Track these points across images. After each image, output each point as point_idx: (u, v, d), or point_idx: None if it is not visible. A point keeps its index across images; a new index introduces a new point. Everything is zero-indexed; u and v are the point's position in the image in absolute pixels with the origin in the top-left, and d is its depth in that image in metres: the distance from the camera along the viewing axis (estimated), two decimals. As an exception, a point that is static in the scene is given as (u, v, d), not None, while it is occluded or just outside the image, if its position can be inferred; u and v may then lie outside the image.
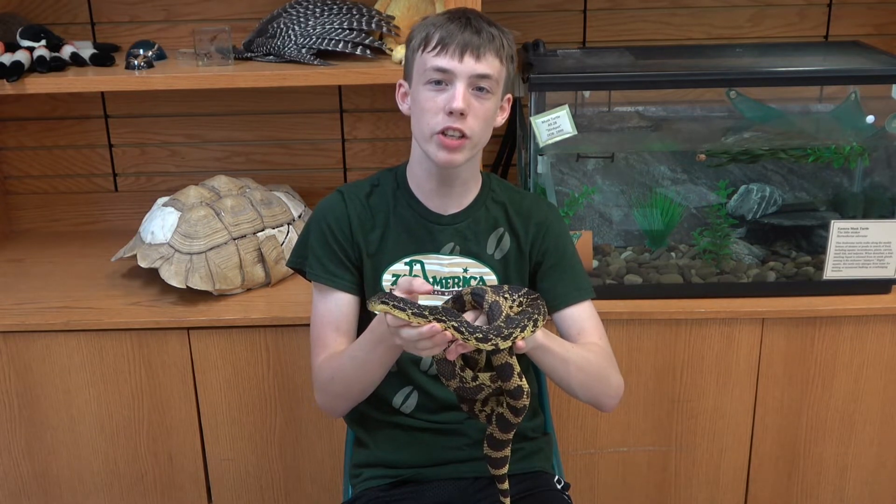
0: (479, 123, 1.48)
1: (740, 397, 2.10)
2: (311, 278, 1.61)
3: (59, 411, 2.10)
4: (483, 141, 1.52)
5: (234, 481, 2.17)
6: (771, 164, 2.15)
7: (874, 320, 2.04)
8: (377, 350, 1.46)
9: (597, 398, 1.55)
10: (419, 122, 1.50)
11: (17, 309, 2.08)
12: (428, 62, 1.46)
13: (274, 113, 2.48)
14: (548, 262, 1.61)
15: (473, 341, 1.30)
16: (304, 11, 2.16)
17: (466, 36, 1.45)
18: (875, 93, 2.03)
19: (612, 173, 2.16)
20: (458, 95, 1.44)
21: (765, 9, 2.41)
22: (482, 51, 1.45)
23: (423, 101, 1.48)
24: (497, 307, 1.35)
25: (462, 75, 1.45)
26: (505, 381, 1.36)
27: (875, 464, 2.17)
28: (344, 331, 1.59)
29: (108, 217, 2.57)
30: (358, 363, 1.50)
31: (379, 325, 1.42)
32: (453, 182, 1.57)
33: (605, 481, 2.18)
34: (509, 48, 1.50)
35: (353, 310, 1.60)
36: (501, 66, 1.48)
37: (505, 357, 1.34)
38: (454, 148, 1.47)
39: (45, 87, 2.07)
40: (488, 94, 1.48)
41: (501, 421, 1.40)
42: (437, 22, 1.49)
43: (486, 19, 1.50)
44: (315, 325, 1.61)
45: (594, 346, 1.56)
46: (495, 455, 1.45)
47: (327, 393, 1.58)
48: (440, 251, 1.59)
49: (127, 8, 2.39)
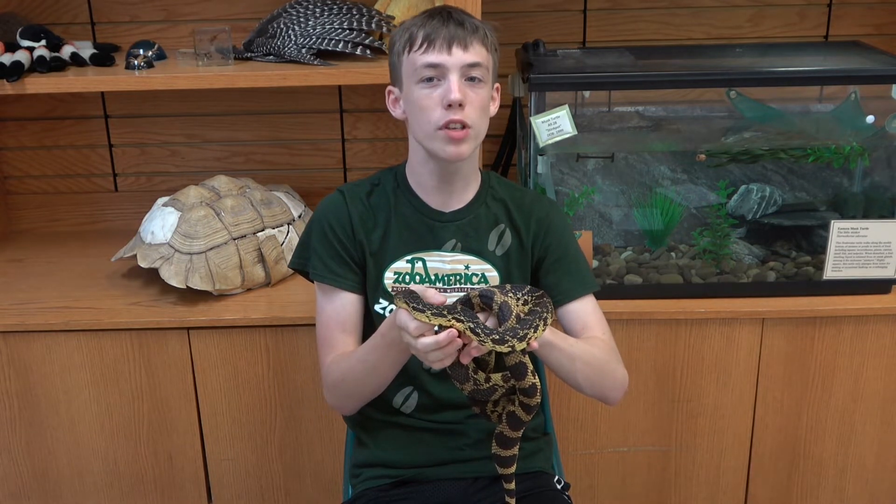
0: (478, 112, 1.49)
1: (740, 397, 2.10)
2: (315, 279, 1.61)
3: (59, 411, 2.10)
4: (483, 131, 1.53)
5: (234, 481, 2.17)
6: (771, 164, 2.15)
7: (874, 320, 2.04)
8: (389, 353, 1.47)
9: (602, 392, 1.55)
10: (419, 121, 1.50)
11: (17, 309, 2.08)
12: (417, 61, 1.47)
13: (274, 113, 2.48)
14: (550, 257, 1.62)
15: (490, 343, 1.29)
16: (304, 11, 2.16)
17: (451, 29, 1.47)
18: (875, 93, 2.03)
19: (612, 173, 2.16)
20: (453, 87, 1.45)
21: (765, 9, 2.41)
22: (469, 41, 1.47)
23: (419, 99, 1.48)
24: (507, 308, 1.34)
25: (454, 67, 1.46)
26: (519, 380, 1.36)
27: (875, 464, 2.17)
28: (350, 330, 1.60)
29: (108, 217, 2.57)
30: (369, 366, 1.51)
31: (390, 330, 1.43)
32: (454, 179, 1.57)
33: (605, 481, 2.18)
34: (493, 38, 1.53)
35: (359, 309, 1.61)
36: (489, 55, 1.51)
37: (518, 357, 1.34)
38: (460, 139, 1.47)
39: (45, 87, 2.07)
40: (481, 82, 1.49)
41: (512, 419, 1.40)
42: (417, 22, 1.50)
43: (466, 13, 1.52)
44: (321, 326, 1.61)
45: (598, 340, 1.56)
46: (504, 454, 1.45)
47: (337, 393, 1.59)
48: (442, 248, 1.60)
49: (127, 8, 2.39)
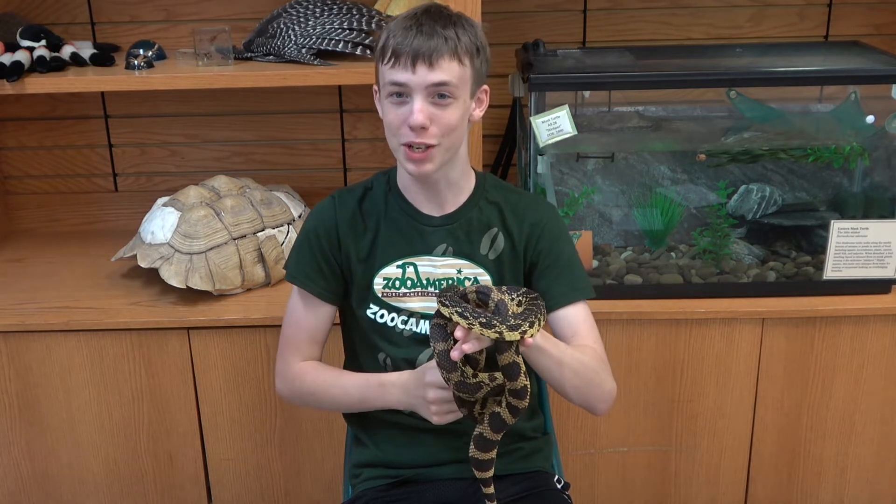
0: (444, 130, 1.45)
1: (740, 397, 2.10)
2: (292, 282, 1.62)
3: (59, 411, 2.10)
4: (456, 143, 1.49)
5: (234, 481, 2.17)
6: (771, 164, 2.15)
7: (874, 320, 2.04)
8: (377, 402, 1.56)
9: (589, 402, 1.53)
10: (387, 133, 1.50)
11: (17, 309, 2.08)
12: (386, 75, 1.45)
13: (274, 113, 2.48)
14: (543, 262, 1.60)
15: (478, 327, 1.28)
16: (304, 11, 2.16)
17: (416, 43, 1.41)
18: (875, 93, 2.03)
19: (612, 173, 2.16)
20: (415, 110, 1.42)
21: (765, 9, 2.41)
22: (434, 57, 1.41)
23: (387, 113, 1.48)
24: (504, 305, 1.34)
25: (418, 87, 1.42)
26: (511, 381, 1.35)
27: (875, 464, 2.17)
28: (318, 340, 1.63)
29: (108, 217, 2.57)
30: (351, 400, 1.59)
31: (393, 387, 1.52)
32: (438, 185, 1.56)
33: (605, 481, 2.18)
34: (471, 43, 1.44)
35: (330, 319, 1.63)
36: (461, 67, 1.43)
37: (512, 356, 1.33)
38: (420, 160, 1.46)
39: (45, 87, 2.07)
40: (450, 99, 1.44)
41: (496, 421, 1.39)
42: (394, 28, 1.45)
43: (443, 17, 1.44)
44: (290, 326, 1.63)
45: (588, 349, 1.54)
46: (482, 457, 1.43)
47: (298, 399, 1.65)
48: (432, 253, 1.59)
49: (127, 8, 2.39)
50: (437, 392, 1.42)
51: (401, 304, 1.58)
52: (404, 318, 1.59)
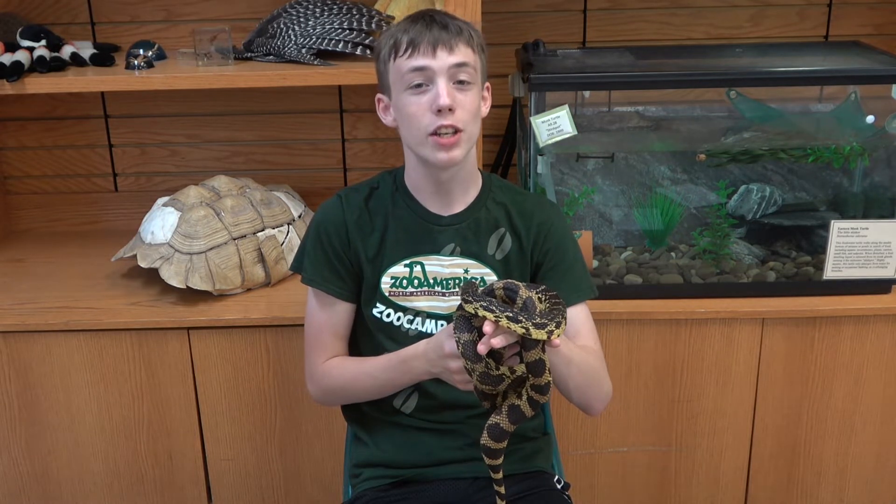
0: (468, 115, 1.48)
1: (740, 397, 2.10)
2: (309, 284, 1.62)
3: (59, 411, 2.10)
4: (475, 133, 1.52)
5: (234, 481, 2.17)
6: (771, 164, 2.15)
7: (874, 320, 2.04)
8: (404, 378, 1.53)
9: (588, 401, 1.56)
10: (409, 128, 1.50)
11: (17, 309, 2.08)
12: (403, 67, 1.46)
13: (274, 113, 2.48)
14: (548, 263, 1.61)
15: (505, 321, 1.29)
16: (304, 11, 2.16)
17: (435, 33, 1.46)
18: (875, 93, 2.03)
19: (612, 173, 2.16)
20: (441, 91, 1.44)
21: (765, 9, 2.41)
22: (454, 42, 1.46)
23: (408, 106, 1.48)
24: (531, 302, 1.34)
25: (440, 70, 1.45)
26: (537, 377, 1.36)
27: (875, 464, 2.17)
28: (342, 336, 1.64)
29: (108, 217, 2.57)
30: (379, 383, 1.56)
31: (413, 359, 1.49)
32: (451, 183, 1.57)
33: (605, 481, 2.18)
34: (478, 38, 1.51)
35: (351, 315, 1.63)
36: (475, 55, 1.49)
37: (539, 353, 1.34)
38: (451, 145, 1.47)
39: (45, 87, 2.07)
40: (469, 84, 1.48)
41: (514, 412, 1.40)
42: (400, 28, 1.49)
43: (449, 14, 1.51)
44: (312, 328, 1.63)
45: (591, 349, 1.56)
46: (494, 446, 1.43)
47: (331, 395, 1.64)
48: (440, 252, 1.59)
49: (127, 8, 2.39)
50: (457, 362, 1.39)
51: (407, 304, 1.59)
52: (410, 317, 1.59)
